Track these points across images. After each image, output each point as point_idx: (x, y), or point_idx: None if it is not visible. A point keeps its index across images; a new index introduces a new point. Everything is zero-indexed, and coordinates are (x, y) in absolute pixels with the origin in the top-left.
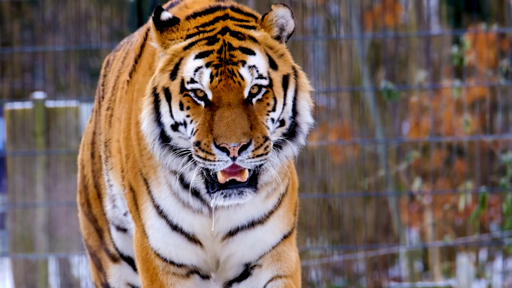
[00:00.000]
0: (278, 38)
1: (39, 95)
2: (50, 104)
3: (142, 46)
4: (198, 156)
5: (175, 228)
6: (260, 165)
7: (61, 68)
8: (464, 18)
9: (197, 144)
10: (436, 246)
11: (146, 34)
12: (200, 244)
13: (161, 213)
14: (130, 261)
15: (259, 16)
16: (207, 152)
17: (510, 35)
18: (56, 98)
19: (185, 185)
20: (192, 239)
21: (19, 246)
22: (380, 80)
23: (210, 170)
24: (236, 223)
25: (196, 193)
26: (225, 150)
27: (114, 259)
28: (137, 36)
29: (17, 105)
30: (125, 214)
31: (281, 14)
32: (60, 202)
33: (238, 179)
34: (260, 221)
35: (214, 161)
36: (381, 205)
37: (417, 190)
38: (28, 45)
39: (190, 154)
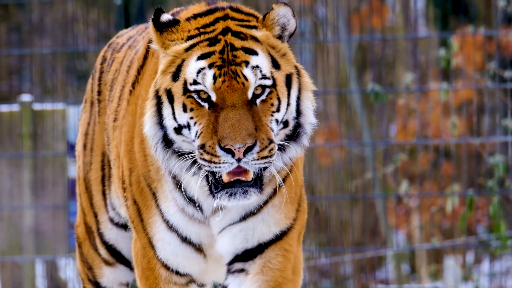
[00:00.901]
0: (279, 37)
1: (26, 97)
2: (37, 106)
3: (145, 57)
4: (203, 159)
5: (184, 240)
6: (265, 168)
7: (48, 70)
8: (451, 20)
9: (202, 147)
10: (423, 248)
11: (149, 47)
12: (204, 253)
13: (171, 227)
14: (127, 263)
15: (260, 16)
16: (212, 155)
17: (497, 37)
18: (43, 100)
19: (188, 197)
20: (198, 249)
21: (6, 248)
22: (367, 82)
23: (216, 173)
24: (234, 217)
25: (198, 205)
26: (230, 151)
27: (108, 263)
28: (140, 39)
29: (4, 108)
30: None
31: (283, 13)
32: (47, 205)
33: (243, 178)
34: (253, 213)
35: (219, 163)
36: (368, 208)
37: (404, 192)
38: (15, 48)
39: (193, 158)
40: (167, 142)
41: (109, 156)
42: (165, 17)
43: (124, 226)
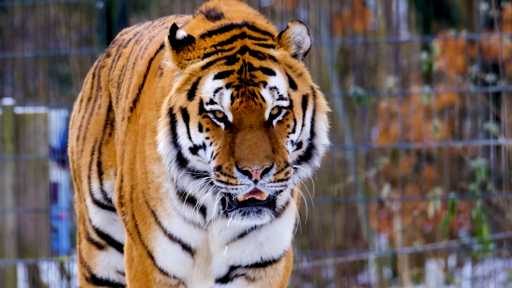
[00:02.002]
0: (295, 56)
1: (8, 101)
2: (19, 110)
3: (145, 76)
4: (219, 181)
5: (188, 248)
6: (280, 191)
7: (30, 74)
8: (433, 24)
9: (218, 168)
10: (405, 252)
11: (149, 63)
12: (195, 257)
13: (175, 239)
14: (118, 246)
15: (275, 33)
16: (229, 176)
17: (479, 41)
18: (25, 104)
19: (188, 199)
20: (192, 253)
21: None
22: (349, 86)
23: (232, 195)
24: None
25: (202, 210)
26: (247, 173)
27: (100, 246)
28: (146, 33)
29: None
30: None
31: (298, 31)
32: (29, 208)
33: (257, 197)
34: (279, 214)
35: (237, 184)
36: (350, 212)
37: (386, 196)
38: None
39: (208, 179)
40: (181, 161)
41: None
42: (181, 34)
43: (111, 208)
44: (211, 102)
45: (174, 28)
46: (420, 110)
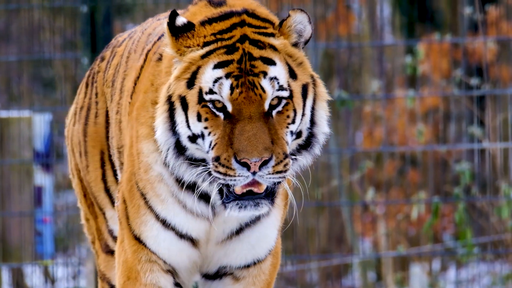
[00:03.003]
0: (296, 45)
1: None
2: (3, 114)
3: (142, 67)
4: (217, 171)
5: (183, 236)
6: (279, 183)
7: (14, 78)
8: (418, 28)
9: (217, 159)
10: (389, 256)
11: (146, 56)
12: (198, 247)
13: (168, 225)
14: None
15: (275, 21)
16: (227, 167)
17: (464, 45)
18: (9, 108)
19: (188, 186)
20: (195, 243)
21: None
22: (333, 89)
23: (230, 186)
24: (240, 223)
25: (203, 197)
26: (246, 165)
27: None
28: (139, 33)
29: None
30: None
31: (299, 20)
32: (13, 212)
33: (255, 190)
34: (256, 220)
35: (235, 176)
36: (334, 215)
37: (370, 200)
38: None
39: (206, 168)
40: (179, 149)
41: (110, 151)
42: (180, 20)
43: None
44: (211, 91)
45: (174, 14)
46: (404, 113)
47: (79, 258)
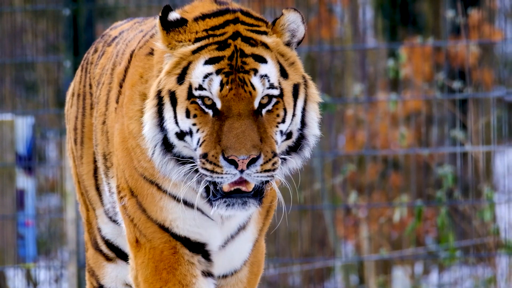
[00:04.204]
0: (288, 44)
1: None
2: None
3: (126, 69)
4: (205, 168)
5: (203, 212)
6: (267, 182)
7: None
8: (400, 31)
9: (204, 156)
10: (372, 259)
11: (131, 56)
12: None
13: (191, 205)
14: (126, 258)
15: (268, 21)
16: (214, 164)
17: (446, 48)
18: None
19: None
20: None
21: None
22: None
23: (217, 183)
24: (235, 227)
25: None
26: (233, 162)
27: (109, 258)
28: (122, 44)
29: None
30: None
31: (293, 19)
32: None
33: (243, 188)
34: (244, 226)
35: (222, 173)
36: (316, 219)
37: (352, 203)
38: None
39: (194, 165)
40: (166, 146)
41: (96, 156)
42: (173, 15)
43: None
44: (200, 87)
45: (166, 9)
46: (386, 117)
47: (61, 261)
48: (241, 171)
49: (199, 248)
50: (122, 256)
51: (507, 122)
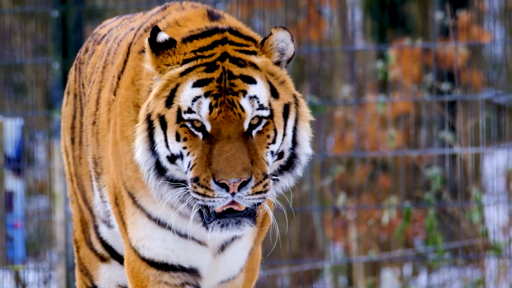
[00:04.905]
0: (278, 63)
1: None
2: None
3: (125, 61)
4: (196, 192)
5: (182, 235)
6: (258, 204)
7: None
8: (389, 33)
9: (195, 180)
10: (361, 261)
11: (128, 49)
12: (207, 246)
13: (164, 225)
14: (121, 259)
15: (258, 39)
16: (206, 188)
17: (435, 50)
18: None
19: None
20: (202, 242)
21: None
22: (305, 95)
23: (210, 207)
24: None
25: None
26: (224, 186)
27: (103, 259)
28: (113, 42)
29: None
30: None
31: (281, 38)
32: None
33: (235, 208)
34: (239, 236)
35: (213, 197)
36: (305, 220)
37: (341, 205)
38: None
39: (186, 187)
40: (159, 170)
41: (86, 157)
42: (162, 36)
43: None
44: (189, 111)
45: (155, 31)
46: (375, 119)
47: (50, 263)
48: (233, 194)
49: (174, 269)
50: (116, 256)
51: (496, 124)
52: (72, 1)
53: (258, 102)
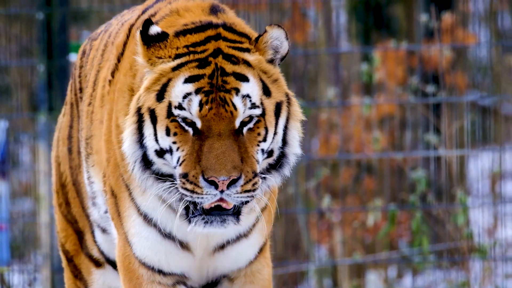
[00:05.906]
0: (271, 61)
1: None
2: None
3: (125, 43)
4: (185, 188)
5: (167, 236)
6: (246, 202)
7: None
8: (373, 35)
9: (184, 176)
10: (346, 263)
11: (129, 31)
12: (192, 252)
13: (149, 221)
14: (115, 265)
15: (253, 36)
16: (194, 185)
17: (419, 52)
18: None
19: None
20: (185, 246)
21: None
22: None
23: (198, 203)
24: (227, 237)
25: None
26: (214, 183)
27: (98, 264)
28: (116, 25)
29: None
30: (105, 212)
31: (276, 36)
32: None
33: (224, 205)
34: (245, 234)
35: (202, 194)
36: (290, 223)
37: (326, 207)
38: None
39: (173, 183)
40: (146, 163)
41: (77, 142)
42: (154, 29)
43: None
44: (180, 107)
45: (147, 23)
46: (360, 121)
47: (35, 265)
48: (221, 192)
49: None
50: (109, 261)
51: (481, 126)
52: (57, 3)
53: (250, 100)
